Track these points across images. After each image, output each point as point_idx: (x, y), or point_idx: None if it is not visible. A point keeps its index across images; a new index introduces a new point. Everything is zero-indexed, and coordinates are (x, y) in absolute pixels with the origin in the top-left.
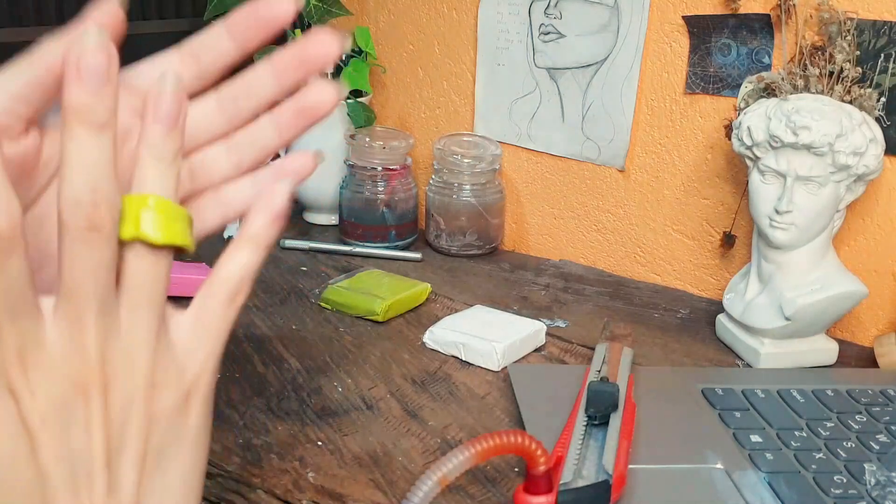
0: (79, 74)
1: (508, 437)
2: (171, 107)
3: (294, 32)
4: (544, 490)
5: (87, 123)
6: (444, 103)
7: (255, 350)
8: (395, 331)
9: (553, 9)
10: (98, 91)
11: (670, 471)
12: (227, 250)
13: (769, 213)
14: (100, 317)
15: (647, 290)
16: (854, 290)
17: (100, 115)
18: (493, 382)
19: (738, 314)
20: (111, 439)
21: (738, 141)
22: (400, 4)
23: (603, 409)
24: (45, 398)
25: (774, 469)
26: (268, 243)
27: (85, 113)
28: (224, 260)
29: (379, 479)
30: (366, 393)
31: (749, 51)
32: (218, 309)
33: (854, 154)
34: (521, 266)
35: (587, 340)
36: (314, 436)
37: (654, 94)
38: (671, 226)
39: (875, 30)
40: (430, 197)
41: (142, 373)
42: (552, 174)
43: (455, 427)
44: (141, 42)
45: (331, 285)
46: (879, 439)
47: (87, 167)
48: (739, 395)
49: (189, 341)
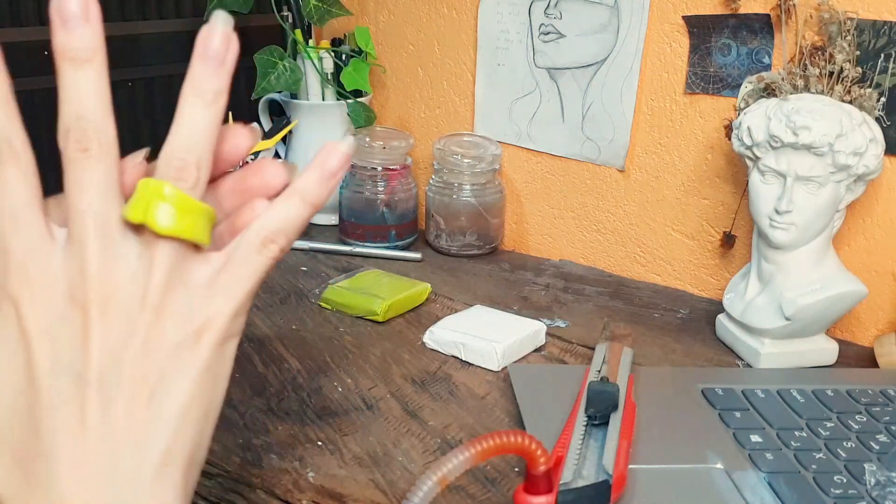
0: (63, 18)
1: (508, 437)
2: (219, 47)
3: (294, 33)
4: (544, 490)
5: (70, 60)
6: (444, 103)
7: (255, 350)
8: (395, 331)
9: (553, 9)
10: (80, 32)
11: (670, 471)
12: (274, 200)
13: (769, 213)
14: (101, 238)
15: (647, 290)
16: (854, 290)
17: (82, 52)
18: (493, 382)
19: (738, 314)
20: (106, 360)
21: (738, 141)
22: (400, 4)
23: (603, 409)
24: (44, 309)
25: (774, 469)
26: (315, 201)
27: (70, 51)
28: (267, 208)
29: (379, 479)
30: (366, 393)
31: (749, 51)
32: (247, 254)
33: (854, 154)
34: (521, 266)
35: (587, 340)
36: (314, 436)
37: (654, 94)
38: (671, 226)
39: (875, 30)
40: (430, 197)
41: (148, 301)
42: (552, 174)
43: (455, 427)
44: (141, 42)
45: (331, 285)
46: (879, 439)
47: (74, 98)
48: (739, 395)
49: (210, 281)
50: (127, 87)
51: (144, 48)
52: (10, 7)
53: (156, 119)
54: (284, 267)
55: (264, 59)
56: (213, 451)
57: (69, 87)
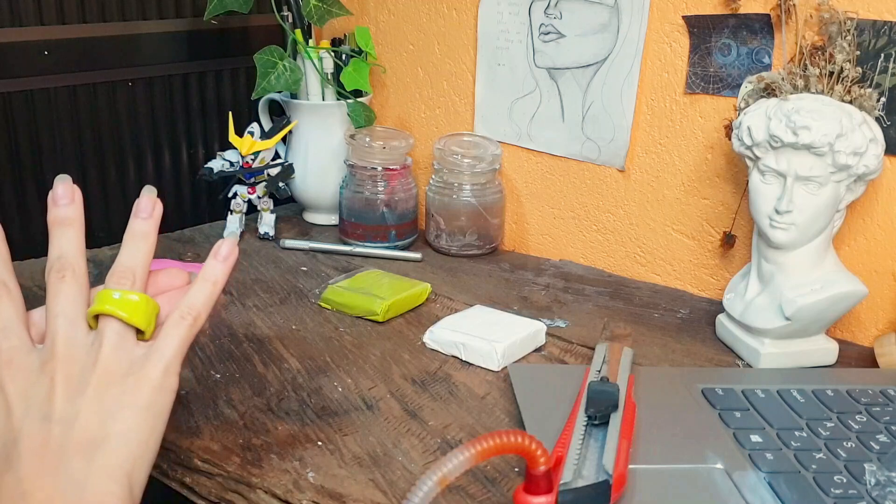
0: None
1: (508, 437)
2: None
3: (294, 33)
4: (544, 490)
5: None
6: (444, 103)
7: (255, 350)
8: (395, 331)
9: (553, 9)
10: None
11: (670, 471)
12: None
13: (769, 213)
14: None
15: (647, 290)
16: (854, 290)
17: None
18: (493, 382)
19: (739, 314)
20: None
21: (738, 141)
22: (400, 4)
23: (603, 409)
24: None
25: (774, 469)
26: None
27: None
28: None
29: (379, 479)
30: (366, 393)
31: (749, 51)
32: (170, 327)
33: (854, 154)
34: (521, 266)
35: (587, 340)
36: (314, 436)
37: (654, 94)
38: (671, 226)
39: (875, 30)
40: (430, 197)
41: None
42: (552, 174)
43: (455, 427)
44: (141, 42)
45: (331, 285)
46: (879, 439)
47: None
48: (739, 395)
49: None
50: (127, 87)
51: (144, 48)
52: (10, 7)
53: (156, 119)
54: (284, 267)
55: (264, 59)
56: (213, 450)
57: (57, 239)
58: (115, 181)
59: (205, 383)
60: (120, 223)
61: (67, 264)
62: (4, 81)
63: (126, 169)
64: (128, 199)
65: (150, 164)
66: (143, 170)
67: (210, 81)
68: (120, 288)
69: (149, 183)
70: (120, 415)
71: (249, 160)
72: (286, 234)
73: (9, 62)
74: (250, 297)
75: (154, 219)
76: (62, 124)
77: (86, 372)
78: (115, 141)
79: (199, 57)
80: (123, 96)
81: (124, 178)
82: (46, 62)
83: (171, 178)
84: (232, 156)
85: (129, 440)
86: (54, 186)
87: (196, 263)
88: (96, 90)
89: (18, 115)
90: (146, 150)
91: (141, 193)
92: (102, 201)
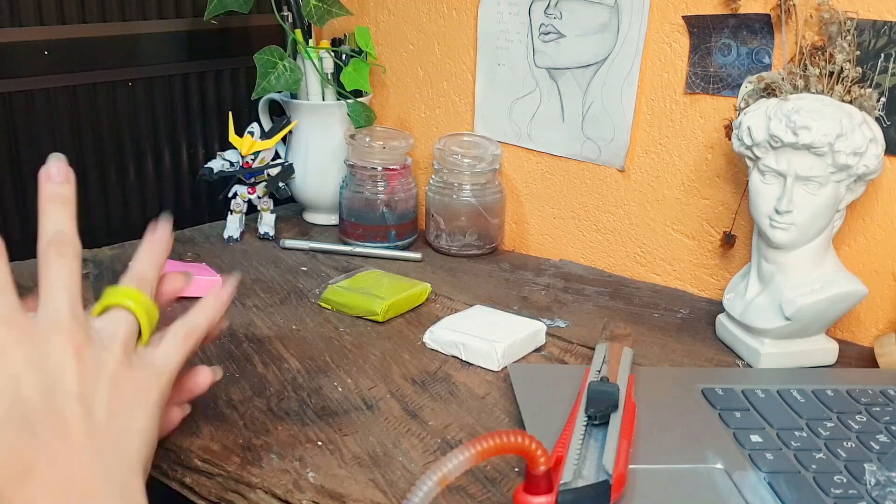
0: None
1: (508, 437)
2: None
3: (294, 33)
4: (544, 490)
5: (52, 201)
6: (444, 103)
7: (255, 350)
8: (395, 331)
9: (553, 9)
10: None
11: (670, 471)
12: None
13: (769, 213)
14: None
15: (647, 290)
16: (854, 290)
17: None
18: (493, 382)
19: (739, 314)
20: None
21: (738, 141)
22: (400, 4)
23: (603, 409)
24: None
25: (774, 469)
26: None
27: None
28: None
29: (379, 479)
30: (366, 393)
31: (749, 51)
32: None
33: (854, 154)
34: (521, 266)
35: (587, 340)
36: (314, 436)
37: (654, 94)
38: (671, 226)
39: (875, 30)
40: (430, 197)
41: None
42: (552, 174)
43: (455, 427)
44: (141, 42)
45: (331, 285)
46: (879, 439)
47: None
48: (739, 395)
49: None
50: (127, 87)
51: (144, 48)
52: (10, 7)
53: (156, 119)
54: (284, 267)
55: (264, 59)
56: (213, 451)
57: (53, 213)
58: (115, 181)
59: None
60: (120, 223)
61: (68, 241)
62: (4, 81)
63: (126, 169)
64: (128, 199)
65: (150, 164)
66: (142, 170)
67: (210, 81)
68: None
69: (149, 183)
70: (137, 409)
71: (249, 160)
72: (286, 234)
73: (9, 62)
74: (250, 297)
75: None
76: (62, 124)
77: (101, 354)
78: (115, 141)
79: (199, 57)
80: (123, 96)
81: (124, 178)
82: (46, 62)
83: (171, 178)
84: (232, 156)
85: (145, 438)
86: (48, 163)
87: (196, 264)
88: (96, 90)
89: (18, 115)
90: (146, 150)
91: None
92: (102, 201)
